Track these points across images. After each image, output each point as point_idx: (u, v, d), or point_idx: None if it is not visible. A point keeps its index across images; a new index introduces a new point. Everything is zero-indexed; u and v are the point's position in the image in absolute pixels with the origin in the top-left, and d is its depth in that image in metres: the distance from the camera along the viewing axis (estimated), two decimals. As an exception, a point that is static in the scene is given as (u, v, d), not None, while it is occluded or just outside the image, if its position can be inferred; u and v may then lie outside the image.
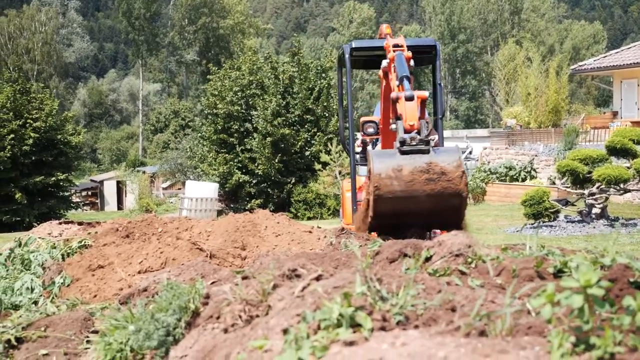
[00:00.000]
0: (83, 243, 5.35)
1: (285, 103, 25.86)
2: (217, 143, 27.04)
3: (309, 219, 22.65)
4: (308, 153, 25.30)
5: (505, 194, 21.21)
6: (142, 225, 5.51)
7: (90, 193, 46.24)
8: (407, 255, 2.59)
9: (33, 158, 27.22)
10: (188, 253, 4.75)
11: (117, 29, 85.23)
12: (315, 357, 1.58)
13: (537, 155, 24.43)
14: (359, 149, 7.66)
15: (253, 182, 25.89)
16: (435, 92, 6.58)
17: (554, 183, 15.43)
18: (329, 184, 21.86)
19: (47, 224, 6.42)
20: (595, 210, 13.62)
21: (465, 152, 30.18)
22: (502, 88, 39.04)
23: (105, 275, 4.70)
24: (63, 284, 4.70)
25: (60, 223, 6.49)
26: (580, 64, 31.76)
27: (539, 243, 2.66)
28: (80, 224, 6.50)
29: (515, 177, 22.96)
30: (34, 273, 4.87)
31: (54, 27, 71.61)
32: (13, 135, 26.60)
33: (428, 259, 2.45)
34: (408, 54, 4.99)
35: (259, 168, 25.27)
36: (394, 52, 5.02)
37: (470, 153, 30.84)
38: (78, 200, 36.49)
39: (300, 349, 1.61)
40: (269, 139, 24.91)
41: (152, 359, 2.38)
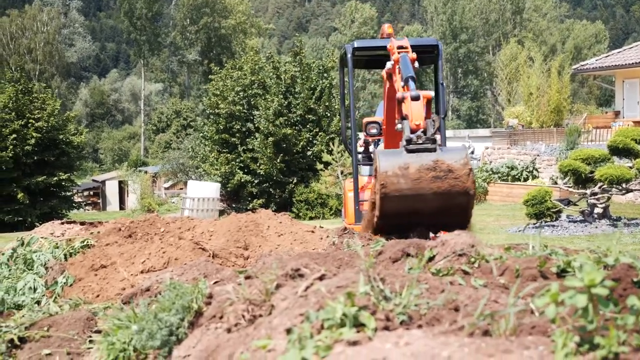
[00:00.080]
0: (85, 243, 5.35)
1: (287, 103, 25.84)
2: (219, 143, 27.02)
3: (311, 219, 22.64)
4: (310, 153, 25.27)
5: (507, 194, 21.18)
6: (144, 225, 5.51)
7: (92, 193, 46.29)
8: (410, 255, 2.59)
9: (35, 158, 27.24)
10: (190, 253, 4.75)
11: (118, 29, 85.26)
12: (319, 356, 1.57)
13: (539, 155, 24.41)
14: (361, 149, 7.67)
15: (255, 182, 25.87)
16: (437, 91, 6.58)
17: (556, 183, 15.41)
18: (331, 184, 21.83)
19: (49, 224, 6.42)
20: (598, 210, 13.61)
21: (468, 151, 30.09)
22: (504, 88, 38.98)
23: (108, 275, 4.70)
24: (66, 284, 4.70)
25: (63, 223, 6.49)
26: (582, 64, 31.73)
27: (542, 243, 2.66)
28: (83, 224, 6.50)
29: (517, 176, 22.94)
30: (37, 273, 4.87)
31: (56, 27, 71.67)
32: (15, 135, 26.63)
33: (431, 259, 2.45)
34: (413, 56, 4.97)
35: (261, 168, 25.26)
36: (399, 53, 5.00)
37: (473, 153, 30.77)
38: (80, 200, 36.51)
39: (304, 349, 1.61)
40: (271, 139, 24.89)
41: (155, 359, 2.38)
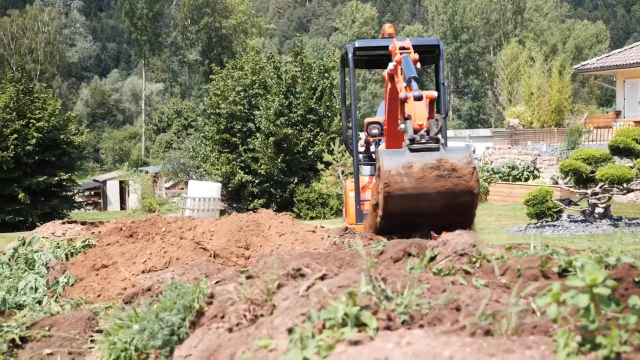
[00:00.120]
0: (87, 243, 5.36)
1: (288, 103, 25.84)
2: (219, 143, 27.02)
3: (312, 219, 22.64)
4: (311, 153, 25.28)
5: (508, 194, 21.17)
6: (145, 225, 5.52)
7: (93, 193, 46.33)
8: (411, 255, 2.59)
9: (36, 158, 27.24)
10: (192, 252, 4.75)
11: (119, 29, 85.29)
12: (321, 356, 1.57)
13: (540, 155, 24.39)
14: (362, 149, 7.67)
15: (256, 181, 25.87)
16: (438, 91, 6.57)
17: (557, 183, 15.40)
18: (332, 184, 21.83)
19: (50, 224, 6.42)
20: (598, 210, 13.60)
21: (471, 151, 30.11)
22: (504, 88, 38.95)
23: (109, 275, 4.70)
24: (67, 284, 4.70)
25: (64, 223, 6.49)
26: (583, 64, 31.72)
27: (543, 242, 2.66)
28: (84, 224, 6.51)
29: (518, 176, 22.93)
30: (38, 272, 4.87)
31: (57, 27, 71.72)
32: (16, 135, 26.63)
33: (432, 259, 2.45)
34: (415, 57, 4.94)
35: (262, 168, 25.26)
36: (401, 54, 4.97)
37: (474, 152, 30.81)
38: (81, 200, 36.54)
39: (306, 349, 1.61)
40: (272, 139, 24.89)
41: (156, 359, 2.38)
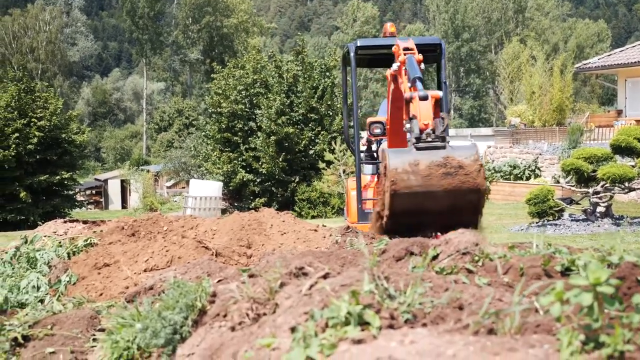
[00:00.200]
0: (89, 241, 5.36)
1: (289, 102, 25.83)
2: (221, 142, 27.01)
3: (313, 218, 22.64)
4: (312, 152, 25.27)
5: (510, 193, 21.16)
6: (147, 224, 5.52)
7: (95, 192, 46.37)
8: (413, 254, 2.59)
9: (37, 157, 27.24)
10: (194, 251, 4.75)
11: (121, 28, 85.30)
12: (324, 355, 1.57)
13: (541, 154, 24.38)
14: (364, 148, 7.66)
15: (257, 180, 25.86)
16: (440, 90, 6.57)
17: (559, 182, 15.40)
18: (333, 183, 21.83)
19: (52, 223, 6.42)
20: (600, 209, 13.59)
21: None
22: (506, 87, 38.89)
23: (111, 274, 4.71)
24: (69, 282, 4.70)
25: (65, 222, 6.49)
26: (585, 63, 31.68)
27: (545, 241, 2.65)
28: (85, 223, 6.50)
29: (520, 175, 22.92)
30: (40, 271, 4.88)
31: (58, 26, 71.74)
32: (18, 134, 26.61)
33: (435, 257, 2.45)
34: (419, 57, 4.90)
35: (263, 167, 25.25)
36: (405, 55, 4.94)
37: (476, 152, 30.76)
38: (82, 199, 36.47)
39: (309, 347, 1.61)
40: (273, 138, 24.88)
41: (159, 357, 2.38)
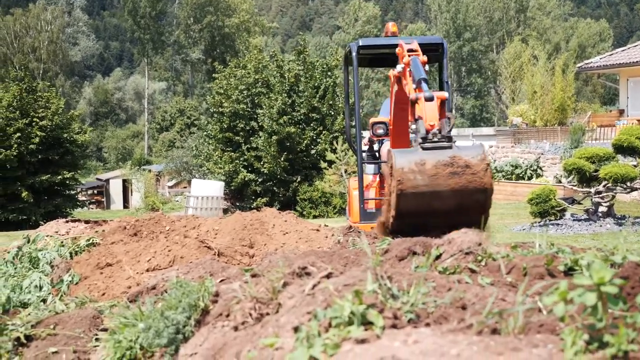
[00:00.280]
0: (91, 241, 5.36)
1: (291, 101, 25.84)
2: (222, 141, 27.03)
3: (315, 218, 22.64)
4: (314, 151, 25.28)
5: (511, 193, 21.15)
6: (149, 224, 5.52)
7: (96, 191, 46.44)
8: (416, 253, 2.59)
9: (39, 156, 27.26)
10: (196, 251, 4.76)
11: (122, 28, 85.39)
12: (327, 355, 1.57)
13: (543, 154, 24.35)
14: (366, 148, 7.65)
15: (259, 180, 25.88)
16: (443, 90, 6.55)
17: (560, 181, 15.38)
18: (335, 183, 21.83)
19: (53, 223, 6.42)
20: (602, 209, 13.58)
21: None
22: (507, 86, 38.87)
23: (114, 273, 4.71)
24: (71, 282, 4.71)
25: (67, 221, 6.49)
26: (587, 62, 31.64)
27: (548, 241, 2.65)
28: (87, 222, 6.50)
29: (521, 175, 22.91)
30: (43, 271, 4.88)
31: (60, 25, 71.86)
32: (19, 134, 26.64)
33: (438, 257, 2.45)
34: (424, 59, 4.90)
35: (265, 166, 25.27)
36: (409, 56, 4.94)
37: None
38: (84, 199, 36.56)
39: (312, 347, 1.61)
40: (275, 138, 24.89)
41: (161, 357, 2.38)
